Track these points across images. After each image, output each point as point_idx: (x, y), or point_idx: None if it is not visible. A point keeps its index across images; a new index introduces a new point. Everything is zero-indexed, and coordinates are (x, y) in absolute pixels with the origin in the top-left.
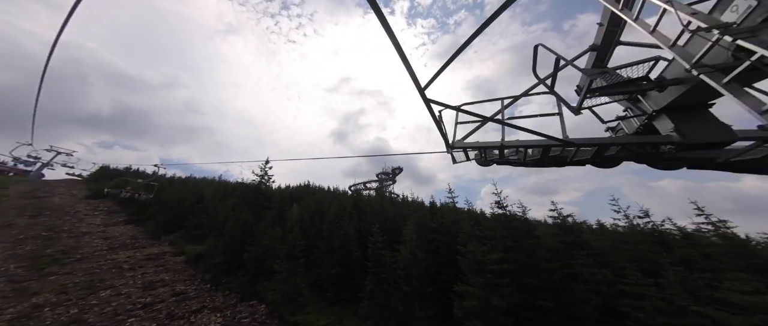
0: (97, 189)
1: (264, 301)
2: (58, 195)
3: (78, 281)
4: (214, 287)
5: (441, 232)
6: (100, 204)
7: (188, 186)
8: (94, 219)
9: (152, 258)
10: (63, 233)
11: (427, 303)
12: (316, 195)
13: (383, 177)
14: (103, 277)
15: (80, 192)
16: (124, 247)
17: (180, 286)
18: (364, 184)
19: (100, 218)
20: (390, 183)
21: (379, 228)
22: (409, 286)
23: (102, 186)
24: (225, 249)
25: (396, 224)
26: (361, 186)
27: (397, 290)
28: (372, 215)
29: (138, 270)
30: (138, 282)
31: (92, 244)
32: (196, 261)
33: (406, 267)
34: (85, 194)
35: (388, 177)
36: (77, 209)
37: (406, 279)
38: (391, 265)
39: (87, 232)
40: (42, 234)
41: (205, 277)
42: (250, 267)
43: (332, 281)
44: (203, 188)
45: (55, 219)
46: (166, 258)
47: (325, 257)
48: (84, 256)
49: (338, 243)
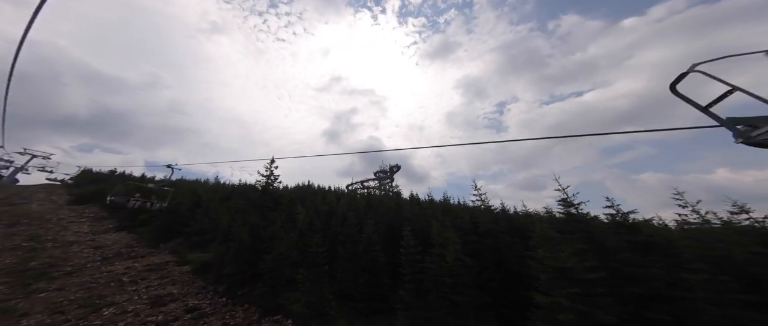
0: (79, 194)
1: (290, 315)
2: (36, 202)
3: (73, 298)
4: (230, 300)
5: (479, 234)
6: (86, 210)
7: (182, 188)
8: (80, 226)
9: (154, 268)
10: (47, 243)
11: (483, 315)
12: (324, 197)
13: (381, 176)
14: (102, 293)
15: (61, 198)
16: (119, 257)
17: (192, 300)
18: (361, 183)
19: (87, 225)
20: (389, 181)
21: (411, 230)
22: (461, 296)
23: (85, 191)
24: (235, 257)
25: (417, 225)
26: (359, 185)
27: (443, 300)
28: (390, 216)
29: (141, 283)
30: (144, 298)
31: (82, 255)
32: (204, 271)
33: (455, 274)
34: (67, 200)
35: (386, 175)
36: (60, 216)
37: (454, 287)
38: (431, 272)
39: (74, 241)
40: (22, 245)
41: (217, 289)
42: (268, 277)
43: (360, 290)
44: (199, 190)
45: (36, 228)
46: (169, 269)
47: (347, 264)
48: (75, 269)
49: (362, 248)
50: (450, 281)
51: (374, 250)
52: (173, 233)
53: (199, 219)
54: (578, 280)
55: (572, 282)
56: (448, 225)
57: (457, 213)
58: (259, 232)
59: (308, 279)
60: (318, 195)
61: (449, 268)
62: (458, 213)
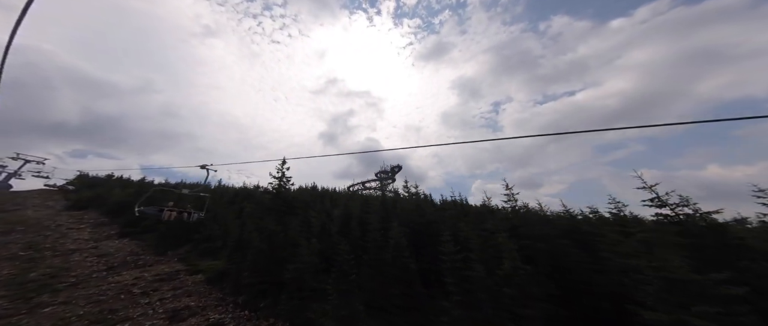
0: (77, 199)
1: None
2: (31, 208)
3: (82, 313)
4: (253, 313)
5: (532, 238)
6: (85, 215)
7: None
8: (80, 233)
9: (165, 278)
10: (46, 251)
11: None
12: (332, 199)
13: (383, 176)
14: (112, 306)
15: (58, 203)
16: (126, 266)
17: (213, 314)
18: (362, 184)
19: (87, 232)
20: (390, 181)
21: (450, 235)
22: (528, 309)
23: (83, 195)
24: (253, 266)
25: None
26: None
27: (502, 313)
28: (410, 218)
29: (153, 295)
30: (159, 312)
31: (86, 264)
32: (219, 280)
33: (514, 284)
34: (64, 205)
35: (387, 175)
36: (58, 222)
37: (515, 299)
38: (484, 282)
39: (76, 249)
40: (19, 254)
41: (237, 301)
42: (293, 287)
43: (393, 301)
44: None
45: (34, 236)
46: (181, 278)
47: (373, 271)
48: (80, 280)
49: (390, 255)
50: (510, 291)
51: (404, 256)
52: (180, 240)
53: (207, 225)
54: (709, 296)
55: (698, 297)
56: (499, 229)
57: (484, 216)
58: (277, 238)
59: (337, 290)
60: (325, 197)
61: (507, 277)
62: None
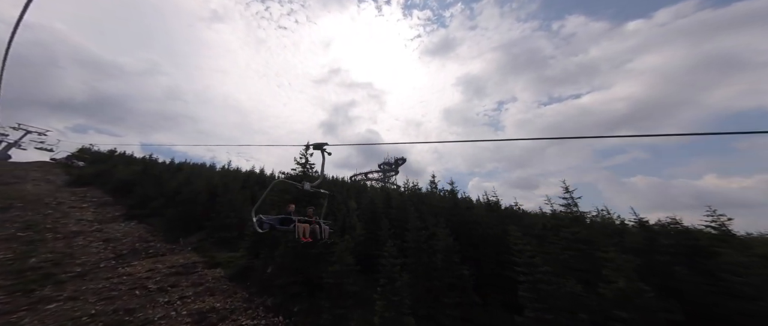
0: (79, 174)
1: None
2: (31, 182)
3: (94, 312)
4: (288, 320)
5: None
6: (87, 192)
7: (189, 173)
8: (83, 213)
9: (181, 271)
10: (47, 233)
11: None
12: (351, 191)
13: (386, 168)
14: (127, 305)
15: (59, 178)
16: (136, 254)
17: (243, 319)
18: (365, 175)
19: (91, 212)
20: (393, 174)
21: (513, 241)
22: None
23: (86, 171)
24: (282, 264)
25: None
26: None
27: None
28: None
29: (172, 292)
30: (183, 313)
31: (91, 250)
32: (243, 277)
33: (630, 307)
34: (66, 180)
35: (390, 167)
36: (59, 200)
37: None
38: (574, 298)
39: (79, 232)
40: (18, 236)
41: (266, 303)
42: (333, 292)
43: (448, 312)
44: (209, 177)
45: (33, 214)
46: (200, 272)
47: (419, 278)
48: (87, 269)
49: (441, 259)
50: (627, 315)
51: (455, 261)
52: (190, 225)
53: (221, 212)
54: None
55: None
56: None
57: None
58: None
59: (382, 297)
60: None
61: (623, 299)
62: (532, 222)
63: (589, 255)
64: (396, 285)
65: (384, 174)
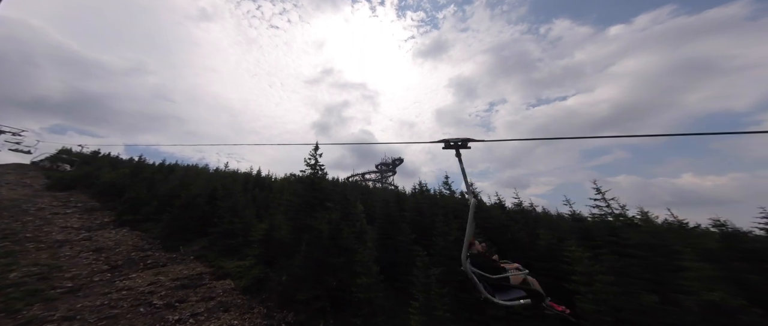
0: (61, 177)
1: None
2: (5, 186)
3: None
4: None
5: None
6: (70, 197)
7: (185, 175)
8: (68, 219)
9: (187, 284)
10: (27, 243)
11: None
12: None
13: (383, 168)
14: (133, 325)
15: (36, 181)
16: (133, 265)
17: None
18: (362, 175)
19: (76, 218)
20: (390, 174)
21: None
22: None
23: (68, 174)
24: (303, 274)
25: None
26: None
27: None
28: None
29: (181, 309)
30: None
31: (81, 261)
32: (257, 289)
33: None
34: (44, 184)
35: (388, 168)
36: (39, 205)
37: None
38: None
39: (65, 241)
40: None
41: (287, 319)
42: (363, 306)
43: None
44: (207, 179)
45: (10, 222)
46: (208, 284)
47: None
48: (80, 283)
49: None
50: None
51: None
52: (190, 232)
53: (224, 217)
54: None
55: None
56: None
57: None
58: (322, 240)
59: (419, 311)
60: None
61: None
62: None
63: (652, 263)
64: (430, 295)
65: (381, 175)
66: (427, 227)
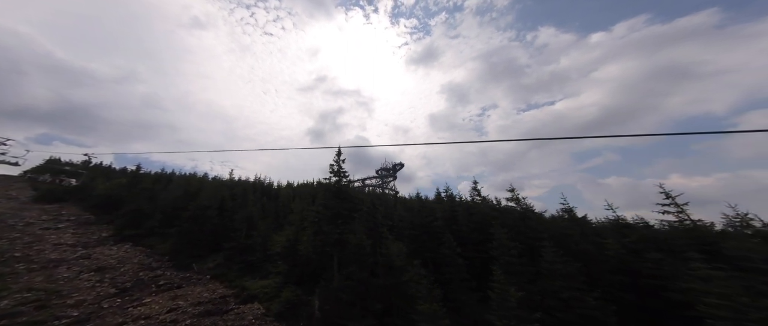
0: (50, 189)
1: None
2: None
3: None
4: None
5: None
6: (61, 210)
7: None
8: (61, 235)
9: (211, 310)
10: (17, 263)
11: None
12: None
13: (384, 173)
14: None
15: (23, 193)
16: (144, 288)
17: None
18: (362, 181)
19: (70, 233)
20: (391, 179)
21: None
22: None
23: (58, 186)
24: (348, 296)
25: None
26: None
27: None
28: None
29: None
30: None
31: (82, 284)
32: (292, 315)
33: None
34: (32, 196)
35: (388, 172)
36: (27, 219)
37: None
38: None
39: (60, 260)
40: None
41: None
42: None
43: None
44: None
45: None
46: (235, 310)
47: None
48: (87, 312)
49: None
50: None
51: (574, 287)
52: (201, 246)
53: (239, 230)
54: None
55: None
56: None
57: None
58: (365, 256)
59: None
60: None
61: None
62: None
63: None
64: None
65: (382, 180)
66: (463, 237)
